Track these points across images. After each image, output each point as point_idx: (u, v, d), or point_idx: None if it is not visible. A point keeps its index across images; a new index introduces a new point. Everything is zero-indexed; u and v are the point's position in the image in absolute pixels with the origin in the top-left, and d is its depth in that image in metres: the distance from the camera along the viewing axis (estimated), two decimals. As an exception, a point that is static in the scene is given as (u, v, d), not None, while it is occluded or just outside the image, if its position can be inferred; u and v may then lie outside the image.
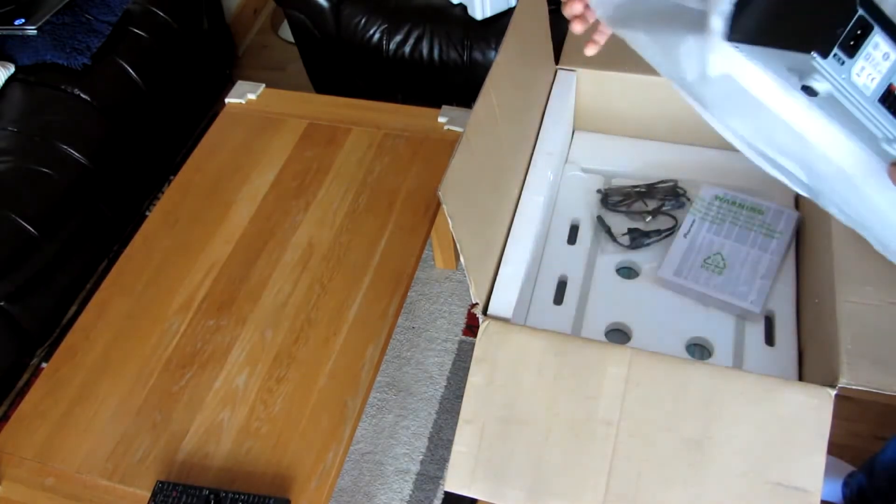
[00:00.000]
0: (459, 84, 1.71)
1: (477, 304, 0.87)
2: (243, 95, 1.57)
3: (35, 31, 1.64)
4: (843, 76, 0.44)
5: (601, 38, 0.73)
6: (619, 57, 0.93)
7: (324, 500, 1.00)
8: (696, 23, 0.52)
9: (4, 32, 1.65)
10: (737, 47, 0.50)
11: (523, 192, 1.01)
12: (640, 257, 1.07)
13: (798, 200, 1.10)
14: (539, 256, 1.08)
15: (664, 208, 1.12)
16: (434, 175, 1.37)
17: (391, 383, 1.51)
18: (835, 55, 0.44)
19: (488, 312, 0.87)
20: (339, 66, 1.83)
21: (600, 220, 1.12)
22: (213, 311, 1.21)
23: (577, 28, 0.68)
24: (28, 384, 1.57)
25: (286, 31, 2.37)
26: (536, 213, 0.98)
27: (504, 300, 0.88)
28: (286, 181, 1.39)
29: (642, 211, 1.13)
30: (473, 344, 0.92)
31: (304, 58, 1.90)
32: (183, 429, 1.08)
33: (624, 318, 1.01)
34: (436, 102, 1.53)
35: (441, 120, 1.46)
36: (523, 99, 1.02)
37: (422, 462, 1.40)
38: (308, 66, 1.92)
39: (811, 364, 0.90)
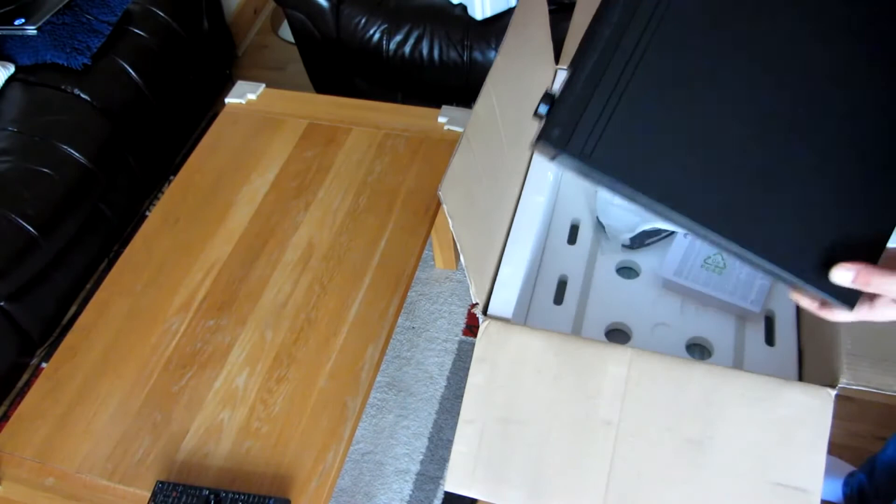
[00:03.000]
0: (459, 84, 1.71)
1: (477, 304, 0.86)
2: (243, 95, 1.57)
3: (35, 31, 1.64)
4: None
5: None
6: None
7: (324, 500, 1.00)
8: None
9: (4, 32, 1.65)
10: None
11: (523, 192, 1.01)
12: (640, 257, 1.07)
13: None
14: (539, 256, 1.08)
15: (664, 208, 1.12)
16: (434, 175, 1.37)
17: (391, 383, 1.51)
18: None
19: (488, 312, 0.87)
20: (339, 66, 1.83)
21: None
22: (213, 311, 1.21)
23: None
24: (28, 384, 1.57)
25: (286, 31, 2.37)
26: (537, 212, 0.98)
27: (504, 300, 0.88)
28: (286, 181, 1.39)
29: (642, 211, 1.12)
30: (473, 344, 0.92)
31: (304, 58, 1.90)
32: (183, 429, 1.08)
33: (624, 318, 1.01)
34: (436, 102, 1.53)
35: (441, 120, 1.46)
36: (523, 99, 1.02)
37: (422, 462, 1.40)
38: (308, 66, 1.92)
39: (811, 364, 0.90)
